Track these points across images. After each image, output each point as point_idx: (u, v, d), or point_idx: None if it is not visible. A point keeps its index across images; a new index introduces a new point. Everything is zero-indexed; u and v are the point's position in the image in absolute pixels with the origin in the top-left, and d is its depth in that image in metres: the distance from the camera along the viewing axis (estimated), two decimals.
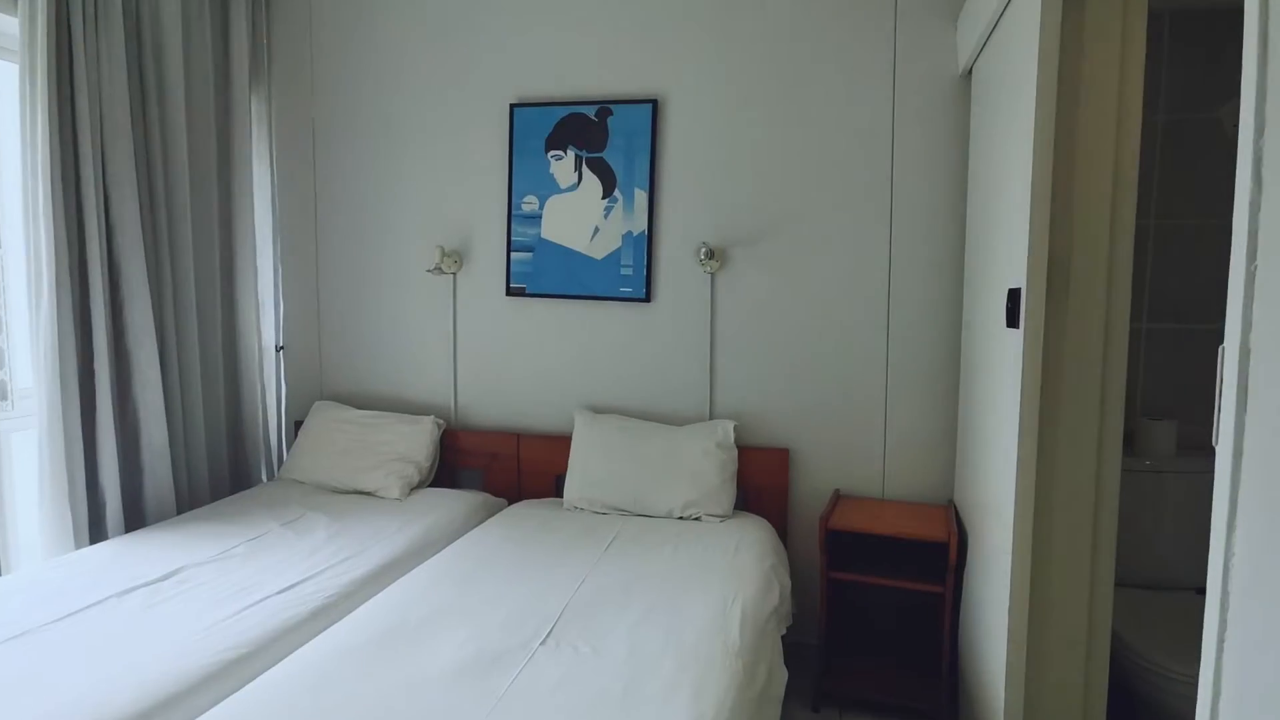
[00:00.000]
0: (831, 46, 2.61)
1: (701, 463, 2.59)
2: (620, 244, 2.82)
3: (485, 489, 2.96)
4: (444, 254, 2.93)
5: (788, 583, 2.30)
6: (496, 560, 2.16)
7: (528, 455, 2.95)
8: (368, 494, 2.76)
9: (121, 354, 2.51)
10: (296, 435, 3.07)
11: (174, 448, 2.65)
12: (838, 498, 2.65)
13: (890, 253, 2.61)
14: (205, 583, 2.00)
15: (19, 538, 2.49)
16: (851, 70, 2.60)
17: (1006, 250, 1.82)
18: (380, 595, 1.92)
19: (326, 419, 2.99)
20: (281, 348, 3.19)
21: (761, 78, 2.67)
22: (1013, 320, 1.69)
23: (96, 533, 2.45)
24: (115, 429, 2.46)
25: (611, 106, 2.77)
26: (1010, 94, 1.84)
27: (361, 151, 3.10)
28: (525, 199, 2.90)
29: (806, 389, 2.72)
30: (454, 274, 3.02)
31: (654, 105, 2.74)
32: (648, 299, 2.82)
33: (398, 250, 3.09)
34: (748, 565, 2.17)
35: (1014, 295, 1.69)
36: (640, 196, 2.78)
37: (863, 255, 2.64)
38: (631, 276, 2.82)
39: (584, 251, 2.86)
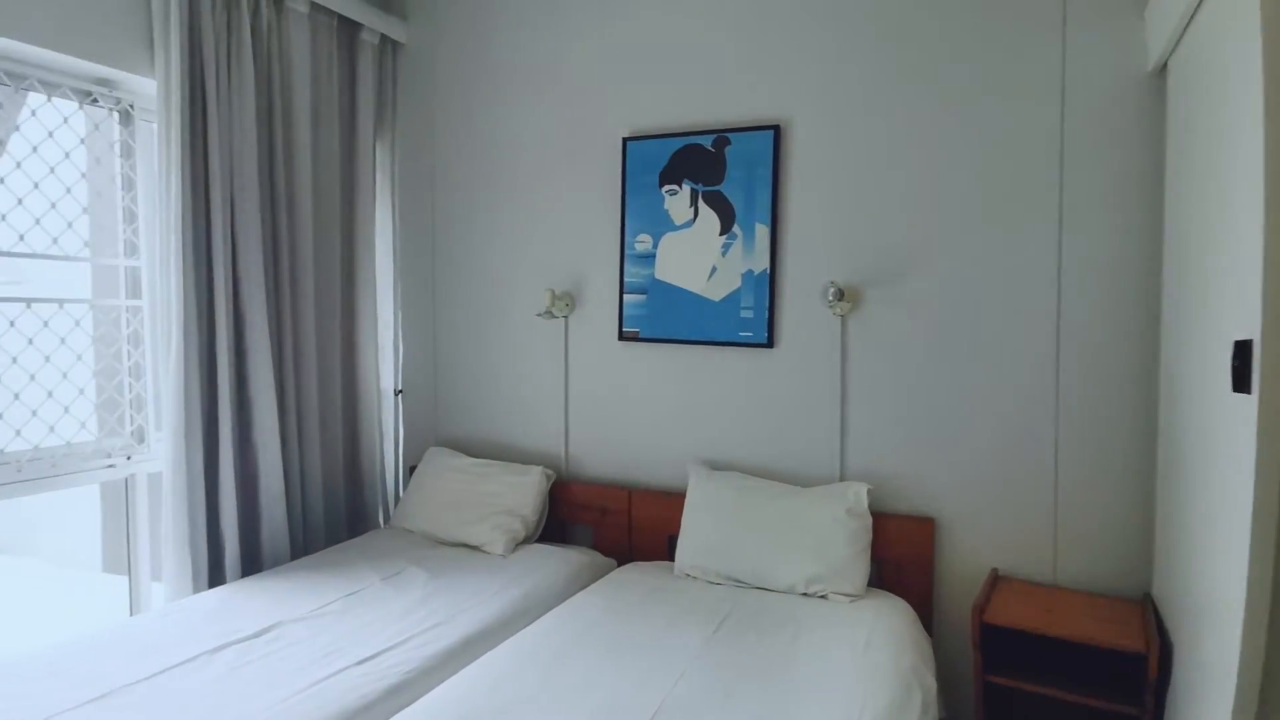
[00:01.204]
0: (982, 53, 2.26)
1: (829, 531, 2.27)
2: (739, 284, 2.57)
3: (595, 546, 2.77)
4: (555, 297, 2.81)
5: (932, 685, 1.91)
6: (592, 637, 1.95)
7: (640, 512, 2.73)
8: (473, 548, 2.65)
9: (243, 402, 2.55)
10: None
11: (290, 494, 2.67)
12: (996, 580, 2.22)
13: (1059, 290, 2.19)
14: (294, 643, 1.92)
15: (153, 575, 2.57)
16: (1008, 79, 2.23)
17: (1227, 290, 1.41)
18: (460, 675, 1.75)
19: (437, 466, 2.93)
20: (400, 391, 3.19)
21: (899, 93, 2.36)
22: (1242, 383, 1.28)
23: (216, 576, 2.48)
24: (235, 475, 2.49)
25: (729, 135, 2.55)
26: (1232, 89, 1.43)
27: (477, 195, 3.06)
28: (638, 238, 2.73)
29: (956, 449, 2.33)
30: (565, 318, 2.89)
31: (776, 131, 2.49)
32: (770, 344, 2.54)
33: (511, 293, 3.01)
34: (882, 664, 1.81)
35: (1243, 349, 1.28)
36: (761, 232, 2.53)
37: (1025, 293, 2.23)
38: (752, 320, 2.56)
39: (700, 293, 2.64)
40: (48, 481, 2.28)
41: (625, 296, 2.76)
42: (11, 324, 2.29)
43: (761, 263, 2.53)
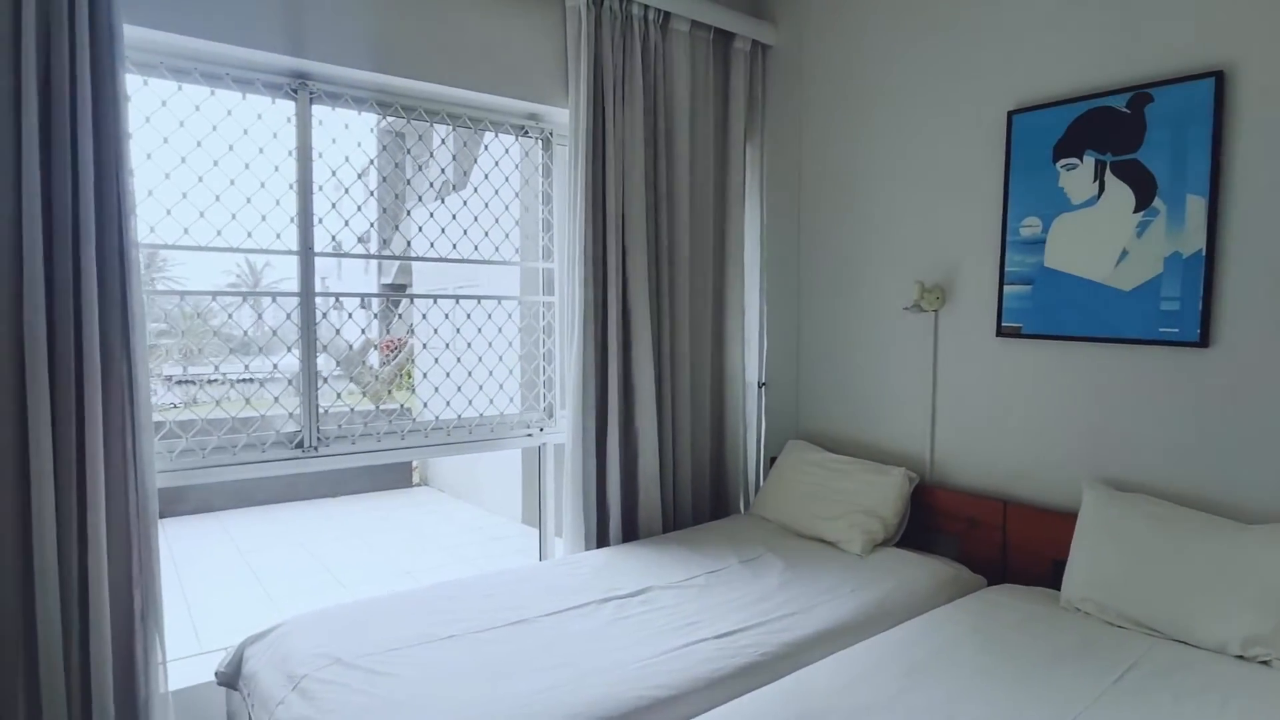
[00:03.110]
0: None
1: None
2: (1160, 270, 2.13)
3: (961, 559, 2.55)
4: (924, 290, 2.64)
5: None
6: (955, 657, 1.80)
7: (1016, 528, 2.44)
8: (828, 543, 2.63)
9: (628, 387, 2.87)
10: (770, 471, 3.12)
11: (664, 475, 2.93)
12: None
13: None
14: (663, 608, 2.11)
15: (559, 528, 3.06)
16: None
17: None
18: (810, 669, 1.75)
19: (796, 459, 2.97)
20: (764, 384, 3.29)
21: None
22: None
23: (602, 538, 2.83)
24: (620, 454, 2.82)
25: (1150, 91, 2.12)
26: None
27: (842, 187, 3.01)
28: (1025, 222, 2.43)
29: None
30: (935, 311, 2.69)
31: (1217, 79, 2.00)
32: (1203, 343, 2.06)
33: (875, 287, 2.91)
34: None
35: None
36: (1194, 206, 2.06)
37: None
38: (1178, 313, 2.10)
39: (1104, 282, 2.25)
40: (487, 444, 2.85)
41: (1006, 288, 2.48)
42: (468, 316, 2.91)
43: (1193, 243, 2.07)
